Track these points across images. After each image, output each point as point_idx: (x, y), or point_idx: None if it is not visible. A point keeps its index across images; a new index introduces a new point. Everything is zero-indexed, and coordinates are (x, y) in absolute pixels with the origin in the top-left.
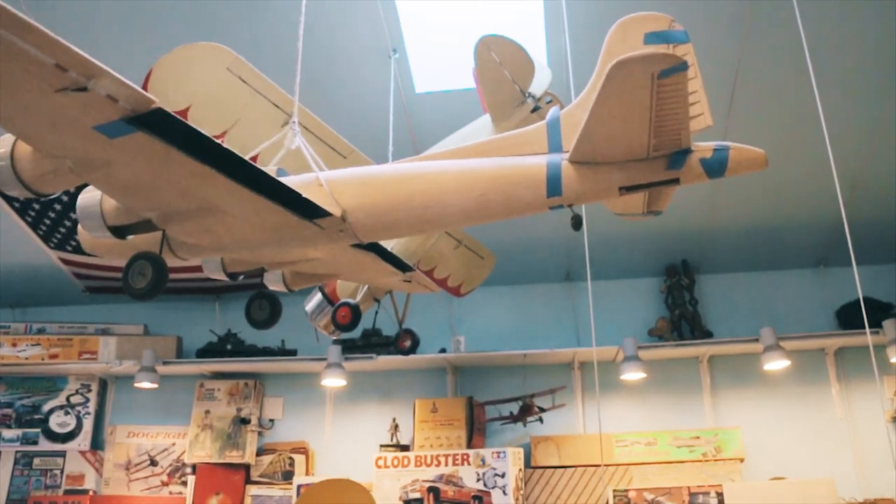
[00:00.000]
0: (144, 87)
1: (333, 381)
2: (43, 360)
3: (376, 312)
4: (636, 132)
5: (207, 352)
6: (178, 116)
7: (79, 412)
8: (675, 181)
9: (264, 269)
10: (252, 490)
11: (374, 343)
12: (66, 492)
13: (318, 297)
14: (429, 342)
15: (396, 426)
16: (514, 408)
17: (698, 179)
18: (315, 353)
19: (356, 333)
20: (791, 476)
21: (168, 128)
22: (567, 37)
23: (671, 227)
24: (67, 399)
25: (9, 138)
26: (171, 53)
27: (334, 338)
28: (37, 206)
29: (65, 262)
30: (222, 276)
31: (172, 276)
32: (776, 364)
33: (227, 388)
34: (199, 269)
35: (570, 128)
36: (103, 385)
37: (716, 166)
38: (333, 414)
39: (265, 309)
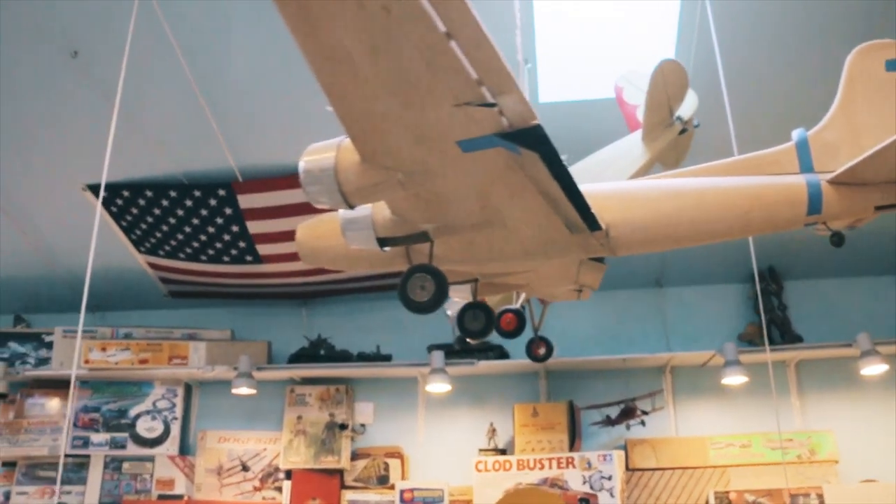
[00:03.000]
0: None
1: (438, 387)
2: (133, 364)
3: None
4: None
5: (300, 357)
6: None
7: (165, 417)
8: None
9: (477, 279)
10: (348, 495)
11: (471, 348)
12: (160, 496)
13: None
14: (516, 347)
15: (494, 430)
16: (613, 411)
17: None
18: (408, 357)
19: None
20: (883, 480)
21: (535, 143)
22: (719, 59)
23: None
24: (154, 404)
25: (330, 146)
26: None
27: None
28: (135, 211)
29: (152, 266)
30: None
31: (260, 280)
32: (874, 369)
33: (318, 394)
34: (285, 274)
35: (820, 149)
36: (188, 390)
37: None
38: (426, 418)
39: (480, 319)
